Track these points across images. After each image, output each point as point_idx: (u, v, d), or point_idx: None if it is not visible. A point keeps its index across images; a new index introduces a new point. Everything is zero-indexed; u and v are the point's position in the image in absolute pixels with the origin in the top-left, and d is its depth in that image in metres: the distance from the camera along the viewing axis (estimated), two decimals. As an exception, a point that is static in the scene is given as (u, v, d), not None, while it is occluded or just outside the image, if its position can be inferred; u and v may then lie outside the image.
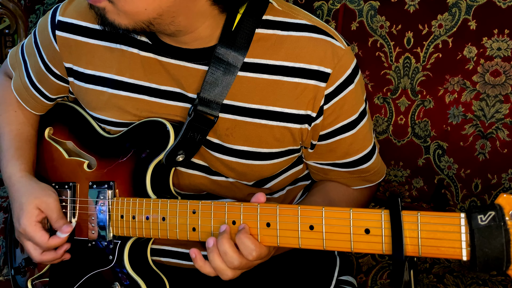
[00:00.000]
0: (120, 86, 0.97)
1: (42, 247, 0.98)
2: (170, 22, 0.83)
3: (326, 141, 0.95)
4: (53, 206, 0.99)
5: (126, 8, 0.79)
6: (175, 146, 0.92)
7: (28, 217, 0.98)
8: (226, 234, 0.81)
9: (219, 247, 0.80)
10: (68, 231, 0.98)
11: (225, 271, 0.81)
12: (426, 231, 0.69)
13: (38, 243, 0.98)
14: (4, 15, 1.73)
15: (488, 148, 1.21)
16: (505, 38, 1.17)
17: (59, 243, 0.99)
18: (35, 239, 0.97)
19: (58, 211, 1.00)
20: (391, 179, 1.34)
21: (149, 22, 0.82)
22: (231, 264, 0.80)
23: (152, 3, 0.78)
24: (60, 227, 0.98)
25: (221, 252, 0.80)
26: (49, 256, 1.00)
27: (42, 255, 0.99)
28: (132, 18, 0.81)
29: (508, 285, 1.14)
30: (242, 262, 0.80)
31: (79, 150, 1.07)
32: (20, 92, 1.11)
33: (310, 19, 0.92)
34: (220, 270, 0.81)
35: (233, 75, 0.89)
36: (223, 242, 0.80)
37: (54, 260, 1.01)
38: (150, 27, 0.83)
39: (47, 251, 0.99)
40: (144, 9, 0.79)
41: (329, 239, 0.76)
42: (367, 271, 1.26)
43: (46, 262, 1.01)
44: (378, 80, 1.30)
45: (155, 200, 0.91)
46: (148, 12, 0.79)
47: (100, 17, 0.83)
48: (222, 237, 0.80)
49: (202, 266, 0.83)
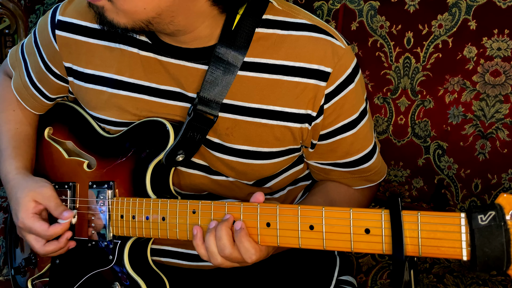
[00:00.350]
0: (119, 85, 0.97)
1: (44, 237, 0.97)
2: (169, 22, 0.83)
3: (326, 140, 0.95)
4: (49, 195, 0.98)
5: (125, 7, 0.79)
6: (175, 146, 0.92)
7: (24, 210, 0.97)
8: (228, 223, 0.81)
9: (216, 231, 0.81)
10: (69, 216, 0.97)
11: (215, 255, 0.82)
12: (426, 231, 0.69)
13: (39, 233, 0.96)
14: (4, 15, 1.73)
15: (488, 148, 1.21)
16: (505, 38, 1.17)
17: (60, 231, 0.97)
18: (35, 229, 0.96)
19: (55, 199, 0.98)
20: (391, 179, 1.34)
21: (148, 22, 0.81)
22: (222, 251, 0.81)
23: (151, 2, 0.78)
24: (60, 213, 0.97)
25: (217, 236, 0.81)
26: (52, 246, 0.98)
27: (45, 246, 0.98)
28: (131, 17, 0.80)
29: (508, 285, 1.14)
30: (233, 254, 0.80)
31: (79, 150, 1.07)
32: (20, 92, 1.11)
33: (310, 19, 0.92)
34: (211, 253, 0.82)
35: (233, 75, 0.89)
36: (221, 228, 0.80)
37: (58, 250, 0.99)
38: (149, 26, 0.83)
39: (49, 241, 0.98)
40: (143, 8, 0.79)
41: (329, 239, 0.76)
42: (367, 271, 1.26)
43: (50, 253, 0.99)
44: (378, 80, 1.30)
45: (155, 200, 0.91)
46: (147, 11, 0.79)
47: (99, 15, 0.83)
48: (222, 224, 0.81)
49: (199, 245, 0.84)
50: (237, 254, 0.81)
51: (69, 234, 0.99)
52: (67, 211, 0.98)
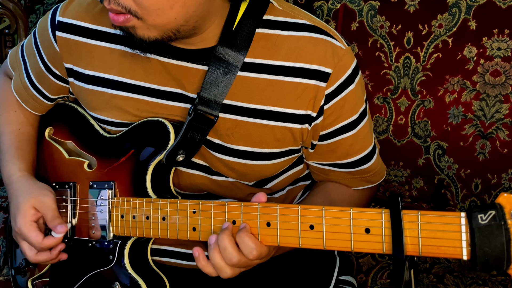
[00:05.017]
0: (120, 86, 0.97)
1: (37, 247, 0.98)
2: (194, 26, 0.84)
3: (326, 141, 0.95)
4: (49, 205, 0.99)
5: (157, 21, 0.79)
6: (175, 146, 0.92)
7: (23, 217, 0.97)
8: (228, 231, 0.81)
9: (219, 243, 0.80)
10: (63, 231, 0.97)
11: (224, 268, 0.81)
12: (427, 231, 0.69)
13: (33, 243, 0.97)
14: (4, 15, 1.73)
15: (488, 148, 1.21)
16: (505, 38, 1.17)
17: (53, 244, 0.98)
18: (30, 239, 0.97)
19: (54, 211, 0.99)
20: (391, 179, 1.34)
21: (177, 30, 0.82)
22: (229, 260, 0.80)
23: (181, 11, 0.79)
24: (55, 226, 0.97)
25: (220, 247, 0.80)
26: (43, 256, 0.99)
27: (37, 255, 0.99)
28: (162, 29, 0.81)
29: (508, 285, 1.14)
30: (241, 260, 0.80)
31: (80, 150, 1.07)
32: (20, 93, 1.11)
33: (311, 19, 0.92)
34: (219, 268, 0.81)
35: (233, 75, 0.90)
36: (223, 238, 0.80)
37: (49, 261, 1.00)
38: (177, 34, 0.83)
39: (41, 251, 0.99)
40: (174, 18, 0.80)
41: (329, 238, 0.76)
42: (367, 271, 1.26)
43: (41, 262, 1.01)
44: (378, 80, 1.30)
45: (155, 200, 0.91)
46: (177, 21, 0.80)
47: (127, 34, 0.83)
48: (223, 233, 0.81)
49: (204, 265, 0.83)
50: (245, 259, 0.80)
51: (62, 247, 1.00)
52: (62, 225, 0.98)
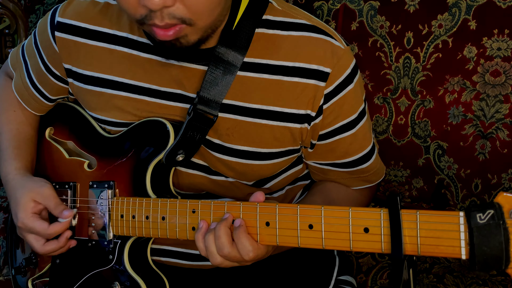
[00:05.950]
0: (120, 87, 0.97)
1: (44, 236, 0.97)
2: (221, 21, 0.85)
3: (325, 140, 0.95)
4: (48, 194, 0.98)
5: (207, 22, 0.80)
6: (175, 146, 0.92)
7: (23, 210, 0.97)
8: (226, 222, 0.81)
9: (215, 231, 0.81)
10: (69, 215, 0.97)
11: (214, 254, 0.82)
12: (425, 230, 0.69)
13: (39, 232, 0.97)
14: (4, 15, 1.73)
15: (488, 148, 1.21)
16: (505, 38, 1.17)
17: (60, 230, 0.97)
18: (35, 228, 0.96)
19: (55, 198, 0.99)
20: (391, 179, 1.34)
21: (215, 26, 0.83)
22: (220, 250, 0.80)
23: (218, 6, 0.79)
24: (61, 212, 0.97)
25: (215, 235, 0.80)
26: (52, 245, 0.98)
27: (45, 245, 0.98)
28: (205, 29, 0.81)
29: (508, 285, 1.14)
30: (231, 253, 0.80)
31: (80, 150, 1.08)
32: (21, 93, 1.11)
33: (310, 19, 0.92)
34: (210, 252, 0.82)
35: (233, 75, 0.90)
36: (220, 228, 0.80)
37: (58, 249, 0.99)
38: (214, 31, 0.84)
39: (49, 241, 0.98)
40: (218, 15, 0.81)
41: (329, 238, 0.76)
42: (367, 271, 1.26)
43: (50, 252, 1.00)
44: (378, 80, 1.30)
45: (155, 199, 0.91)
46: (218, 17, 0.82)
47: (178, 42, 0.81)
48: (221, 223, 0.81)
49: (199, 239, 0.84)
50: (235, 253, 0.80)
51: (69, 233, 0.99)
52: (67, 210, 0.98)
